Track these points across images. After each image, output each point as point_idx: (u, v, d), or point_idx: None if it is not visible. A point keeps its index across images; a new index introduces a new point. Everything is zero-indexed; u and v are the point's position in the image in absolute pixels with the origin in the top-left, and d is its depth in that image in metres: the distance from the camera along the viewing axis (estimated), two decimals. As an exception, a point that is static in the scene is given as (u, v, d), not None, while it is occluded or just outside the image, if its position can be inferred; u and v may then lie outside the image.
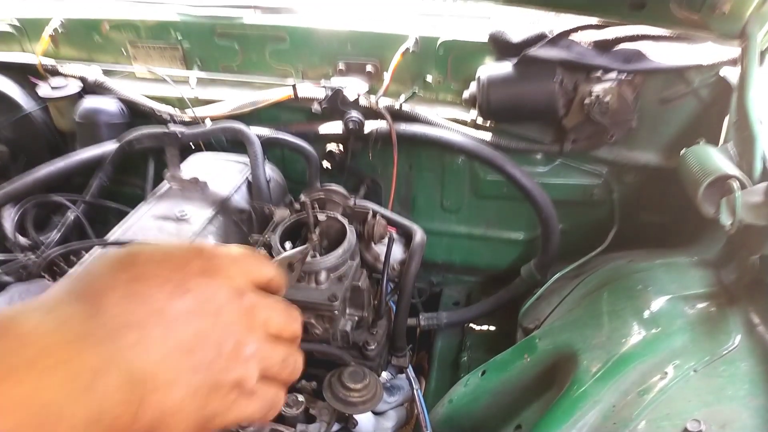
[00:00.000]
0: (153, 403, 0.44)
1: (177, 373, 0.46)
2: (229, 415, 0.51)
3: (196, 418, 0.48)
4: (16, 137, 1.78)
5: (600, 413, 0.87)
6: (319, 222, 1.11)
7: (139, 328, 0.43)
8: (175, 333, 0.46)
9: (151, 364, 0.44)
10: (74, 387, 0.37)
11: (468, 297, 1.79)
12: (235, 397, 0.51)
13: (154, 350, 0.44)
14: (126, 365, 0.42)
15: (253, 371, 0.52)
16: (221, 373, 0.49)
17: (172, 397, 0.45)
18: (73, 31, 1.74)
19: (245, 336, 0.51)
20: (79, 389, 0.37)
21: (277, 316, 0.55)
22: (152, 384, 0.44)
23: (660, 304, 1.04)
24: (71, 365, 0.38)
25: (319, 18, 1.59)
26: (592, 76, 1.35)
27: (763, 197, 0.95)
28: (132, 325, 0.43)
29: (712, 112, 1.34)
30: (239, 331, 0.51)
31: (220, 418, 0.50)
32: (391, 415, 1.33)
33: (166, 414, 0.45)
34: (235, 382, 0.50)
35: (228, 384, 0.50)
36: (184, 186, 1.36)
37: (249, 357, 0.51)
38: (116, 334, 0.42)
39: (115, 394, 0.40)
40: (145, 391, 0.43)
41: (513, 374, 1.12)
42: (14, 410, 0.34)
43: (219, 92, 1.68)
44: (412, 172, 1.66)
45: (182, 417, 0.47)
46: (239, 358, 0.50)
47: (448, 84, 1.56)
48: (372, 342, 1.10)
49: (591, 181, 1.55)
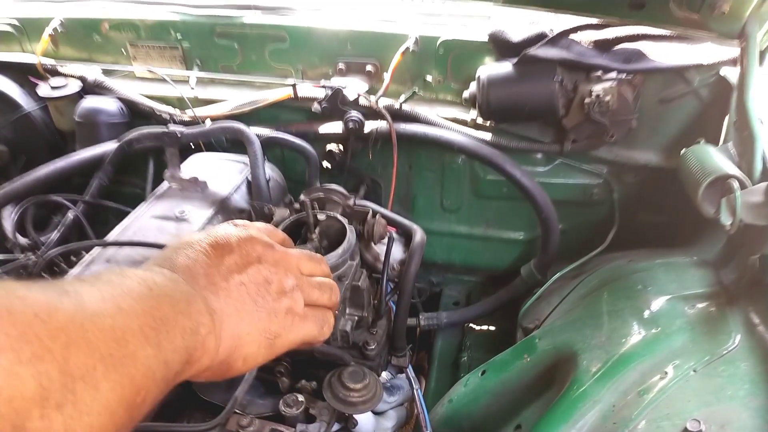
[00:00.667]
0: (228, 329, 0.59)
1: (240, 306, 0.61)
2: (289, 334, 0.67)
3: (262, 339, 0.63)
4: (15, 137, 1.78)
5: (600, 413, 0.87)
6: (318, 222, 1.11)
7: (206, 278, 0.60)
8: (231, 279, 0.61)
9: (221, 301, 0.59)
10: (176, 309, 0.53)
11: (468, 297, 1.79)
12: (291, 321, 0.67)
13: (220, 292, 0.60)
14: (204, 300, 0.58)
15: (298, 299, 0.68)
16: (273, 303, 0.65)
17: (239, 324, 0.61)
18: (72, 31, 1.74)
19: (284, 275, 0.67)
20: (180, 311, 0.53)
21: (305, 261, 0.73)
22: (223, 315, 0.59)
23: (660, 304, 1.04)
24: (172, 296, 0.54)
25: (319, 18, 1.59)
26: (592, 76, 1.35)
27: (763, 197, 0.95)
28: (200, 274, 0.60)
29: (712, 111, 1.34)
30: (279, 272, 0.67)
31: (283, 338, 0.66)
32: (391, 415, 1.33)
33: (240, 336, 0.60)
34: (286, 308, 0.66)
35: (281, 311, 0.65)
36: (183, 186, 1.36)
37: (291, 288, 0.67)
38: (194, 282, 0.58)
39: (204, 316, 0.56)
40: (220, 319, 0.58)
41: (513, 374, 1.12)
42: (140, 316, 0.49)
43: (219, 92, 1.67)
44: (412, 172, 1.66)
45: (251, 338, 0.62)
46: (284, 291, 0.66)
47: (448, 84, 1.56)
48: (372, 342, 1.10)
49: (591, 180, 1.55)
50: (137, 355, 0.46)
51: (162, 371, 0.49)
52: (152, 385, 0.48)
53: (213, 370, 0.59)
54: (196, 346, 0.54)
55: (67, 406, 0.40)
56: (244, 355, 0.62)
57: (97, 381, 0.42)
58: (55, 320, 0.41)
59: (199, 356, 0.55)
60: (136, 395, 0.46)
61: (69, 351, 0.41)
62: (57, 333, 0.41)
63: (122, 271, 0.52)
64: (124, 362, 0.45)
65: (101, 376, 0.43)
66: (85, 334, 0.43)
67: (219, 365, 0.60)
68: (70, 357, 0.41)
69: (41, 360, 0.39)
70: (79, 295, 0.46)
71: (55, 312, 0.42)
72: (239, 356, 0.61)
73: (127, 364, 0.45)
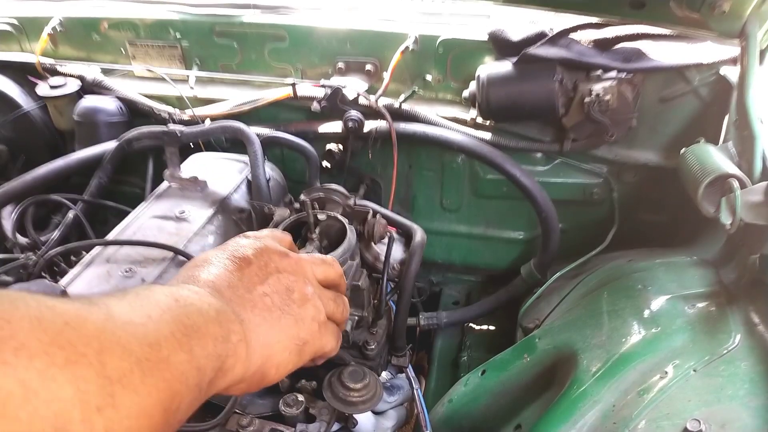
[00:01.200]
0: (258, 338, 0.60)
1: (267, 315, 0.62)
2: (316, 342, 0.68)
3: (293, 346, 0.64)
4: (15, 136, 1.78)
5: (600, 413, 0.87)
6: (318, 221, 1.10)
7: (230, 290, 0.60)
8: (255, 291, 0.62)
9: (248, 312, 0.60)
10: (207, 316, 0.54)
11: (468, 296, 1.79)
12: (317, 328, 0.68)
13: (247, 304, 0.61)
14: (233, 312, 0.58)
15: (320, 306, 0.69)
16: (299, 310, 0.66)
17: (269, 332, 0.62)
18: (72, 30, 1.74)
19: (303, 283, 0.68)
20: (210, 317, 0.54)
21: (318, 264, 0.74)
22: (252, 324, 0.59)
23: (660, 303, 1.04)
24: (202, 308, 0.54)
25: (319, 17, 1.59)
26: (592, 75, 1.35)
27: (763, 196, 0.95)
28: (224, 289, 0.60)
29: (712, 111, 1.34)
30: (298, 280, 0.68)
31: (311, 345, 0.67)
32: (391, 414, 1.33)
33: (270, 345, 0.61)
34: (312, 316, 0.67)
35: (308, 318, 0.67)
36: (183, 185, 1.36)
37: (312, 296, 0.68)
38: (219, 295, 0.59)
39: (232, 324, 0.57)
40: (249, 329, 0.59)
41: (513, 374, 1.12)
42: (170, 323, 0.49)
43: (218, 91, 1.67)
44: (412, 172, 1.66)
45: (282, 346, 0.63)
46: (306, 298, 0.67)
47: (448, 83, 1.56)
48: (372, 342, 1.10)
49: (591, 180, 1.55)
50: (171, 360, 0.47)
51: (195, 377, 0.49)
52: (186, 391, 0.48)
53: (248, 380, 0.60)
54: (228, 353, 0.54)
55: (107, 410, 0.40)
56: (276, 364, 0.62)
57: (136, 385, 0.43)
58: (85, 328, 0.42)
59: (232, 364, 0.55)
60: (171, 400, 0.46)
61: (104, 356, 0.41)
62: (89, 339, 0.41)
63: (148, 286, 0.53)
64: (159, 366, 0.45)
65: (139, 380, 0.43)
66: (119, 340, 0.43)
67: (253, 375, 0.60)
68: (106, 361, 0.41)
69: (76, 364, 0.39)
70: (107, 306, 0.46)
71: (86, 321, 0.42)
72: (272, 365, 0.62)
73: (163, 369, 0.46)
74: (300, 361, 0.66)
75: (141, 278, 1.08)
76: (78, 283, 1.07)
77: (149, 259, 1.12)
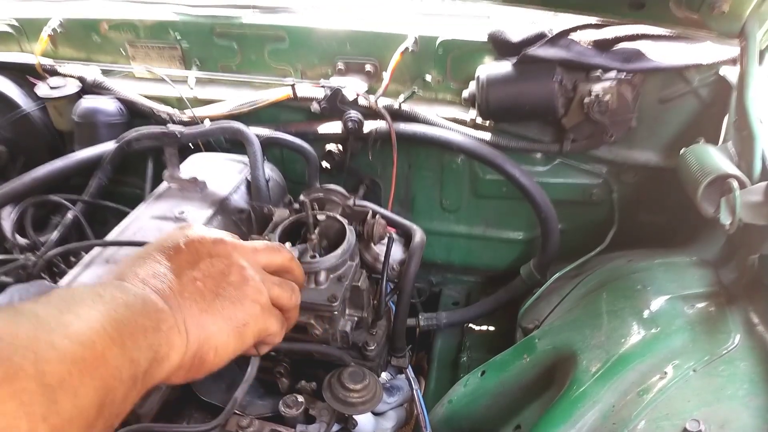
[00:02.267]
0: (191, 322, 0.59)
1: (199, 298, 0.60)
2: (258, 324, 0.66)
3: (230, 329, 0.62)
4: (14, 137, 1.78)
5: (599, 413, 0.87)
6: (318, 222, 1.10)
7: (155, 279, 0.59)
8: (183, 276, 0.61)
9: (176, 297, 0.59)
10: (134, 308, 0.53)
11: (467, 297, 1.79)
12: (258, 310, 0.66)
13: (174, 288, 0.59)
14: (162, 301, 0.57)
15: (261, 288, 0.67)
16: (236, 292, 0.64)
17: (202, 315, 0.60)
18: (71, 31, 1.74)
19: (240, 266, 0.66)
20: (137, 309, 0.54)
21: (262, 251, 0.71)
22: (182, 308, 0.58)
23: (659, 303, 1.04)
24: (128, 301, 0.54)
25: (318, 17, 1.59)
26: (592, 76, 1.35)
27: (763, 196, 0.95)
28: (149, 278, 0.59)
29: (712, 111, 1.34)
30: (234, 263, 0.66)
31: (251, 327, 0.65)
32: (390, 415, 1.33)
33: (205, 327, 0.60)
34: (252, 298, 0.65)
35: (246, 299, 0.64)
36: (183, 186, 1.36)
37: (251, 278, 0.66)
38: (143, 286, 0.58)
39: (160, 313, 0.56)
40: (181, 314, 0.58)
41: (512, 374, 1.12)
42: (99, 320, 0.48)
43: (218, 92, 1.67)
44: (412, 172, 1.66)
45: (218, 328, 0.61)
46: (245, 279, 0.65)
47: (448, 83, 1.56)
48: (371, 342, 1.10)
49: (590, 180, 1.55)
50: (105, 355, 0.47)
51: (129, 370, 0.49)
52: (119, 385, 0.48)
53: (186, 366, 0.59)
54: (160, 342, 0.54)
55: (51, 417, 0.40)
56: (215, 347, 0.61)
57: (75, 387, 0.43)
58: (18, 339, 0.42)
59: (166, 352, 0.55)
60: (106, 396, 0.46)
61: (41, 364, 0.41)
62: (24, 351, 0.41)
63: (70, 288, 0.53)
64: (95, 364, 0.45)
65: (78, 382, 0.43)
66: (53, 345, 0.43)
67: (191, 361, 0.59)
68: (44, 369, 0.41)
69: (15, 378, 0.39)
70: (35, 313, 0.46)
71: (16, 332, 0.42)
72: (210, 348, 0.60)
73: (98, 366, 0.46)
74: (242, 344, 0.64)
75: (140, 279, 1.08)
76: (77, 284, 1.07)
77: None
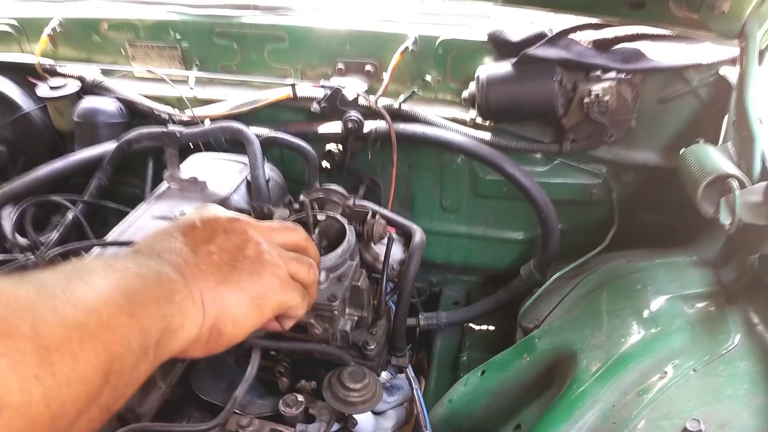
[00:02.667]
0: (208, 294, 0.58)
1: (215, 271, 0.60)
2: (278, 297, 0.65)
3: (248, 300, 0.62)
4: (14, 137, 1.78)
5: (599, 413, 0.87)
6: (318, 222, 1.11)
7: (171, 252, 0.60)
8: (199, 250, 0.61)
9: (192, 269, 0.59)
10: (146, 279, 0.53)
11: (467, 297, 1.79)
12: (277, 282, 0.65)
13: (190, 261, 0.60)
14: (174, 270, 0.57)
15: (279, 262, 0.66)
16: (252, 265, 0.63)
17: (219, 287, 0.60)
18: (71, 31, 1.74)
19: (256, 241, 0.66)
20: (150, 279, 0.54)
21: (278, 231, 0.71)
22: (199, 281, 0.59)
23: (659, 303, 1.04)
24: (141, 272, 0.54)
25: (318, 17, 1.59)
26: (592, 76, 1.35)
27: (763, 197, 0.95)
28: (164, 252, 0.59)
29: (712, 111, 1.34)
30: (251, 239, 0.66)
31: (270, 300, 0.65)
32: (390, 414, 1.33)
33: (222, 299, 0.60)
34: (270, 271, 0.65)
35: (265, 272, 0.64)
36: (183, 186, 1.36)
37: (268, 252, 0.66)
38: (159, 258, 0.58)
39: (174, 284, 0.56)
40: (197, 286, 0.58)
41: (512, 374, 1.12)
42: (108, 288, 0.49)
43: (218, 92, 1.67)
44: (412, 172, 1.66)
45: (237, 300, 0.61)
46: (261, 253, 0.65)
47: (448, 83, 1.56)
48: (371, 342, 1.10)
49: (590, 180, 1.55)
50: (111, 323, 0.46)
51: (138, 338, 0.49)
52: (128, 354, 0.48)
53: (203, 339, 0.59)
54: (173, 312, 0.54)
55: (45, 378, 0.40)
56: (233, 319, 0.61)
57: (74, 351, 0.43)
58: (16, 302, 0.42)
59: (180, 323, 0.55)
60: (111, 363, 0.46)
61: (38, 327, 0.41)
62: (21, 312, 0.41)
63: (82, 259, 0.54)
64: (98, 331, 0.45)
65: (77, 347, 0.43)
66: (54, 309, 0.43)
67: (209, 333, 0.59)
68: (41, 331, 0.41)
69: (9, 337, 0.39)
70: (39, 279, 0.46)
71: (16, 294, 0.42)
72: (227, 320, 0.60)
73: (102, 333, 0.45)
74: (261, 317, 0.64)
75: (141, 279, 1.08)
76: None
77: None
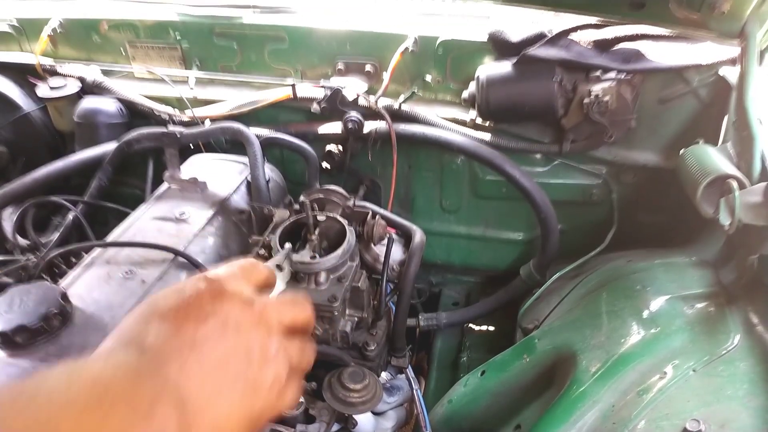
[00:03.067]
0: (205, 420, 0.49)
1: (219, 388, 0.51)
2: (274, 409, 0.57)
3: (246, 422, 0.54)
4: (15, 138, 1.78)
5: (599, 413, 0.87)
6: (318, 223, 1.11)
7: (178, 358, 0.49)
8: (208, 355, 0.52)
9: (195, 386, 0.49)
10: (135, 416, 0.43)
11: (467, 297, 1.79)
12: (276, 395, 0.58)
13: (194, 374, 0.50)
14: (175, 391, 0.47)
15: (282, 366, 0.59)
16: (257, 376, 0.55)
17: (219, 410, 0.51)
18: (71, 31, 1.74)
19: (266, 339, 0.57)
20: (140, 418, 0.43)
21: (287, 309, 0.62)
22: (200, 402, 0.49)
23: (659, 304, 1.04)
24: (131, 399, 0.43)
25: (318, 18, 1.59)
26: (592, 76, 1.35)
27: (762, 197, 0.95)
28: (172, 356, 0.49)
29: (711, 111, 1.34)
30: (260, 337, 0.57)
31: (268, 413, 0.57)
32: (390, 415, 1.33)
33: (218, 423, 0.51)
34: (272, 380, 0.57)
35: (267, 383, 0.56)
36: (183, 186, 1.36)
37: (275, 355, 0.58)
38: (161, 367, 0.48)
39: (171, 417, 0.46)
40: (195, 409, 0.48)
41: (512, 374, 1.12)
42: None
43: (218, 92, 1.67)
44: (412, 173, 1.66)
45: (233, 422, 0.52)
46: (268, 359, 0.57)
47: (448, 84, 1.56)
48: (372, 342, 1.11)
49: (590, 181, 1.55)
50: None
51: None
52: None
53: None
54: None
55: None
56: None
57: None
58: None
59: None
60: None
61: None
62: None
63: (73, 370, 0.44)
64: None
65: None
66: None
67: None
68: None
69: None
70: None
71: None
72: None
73: None
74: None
75: (141, 279, 1.08)
76: (78, 285, 1.07)
77: (149, 260, 1.12)
